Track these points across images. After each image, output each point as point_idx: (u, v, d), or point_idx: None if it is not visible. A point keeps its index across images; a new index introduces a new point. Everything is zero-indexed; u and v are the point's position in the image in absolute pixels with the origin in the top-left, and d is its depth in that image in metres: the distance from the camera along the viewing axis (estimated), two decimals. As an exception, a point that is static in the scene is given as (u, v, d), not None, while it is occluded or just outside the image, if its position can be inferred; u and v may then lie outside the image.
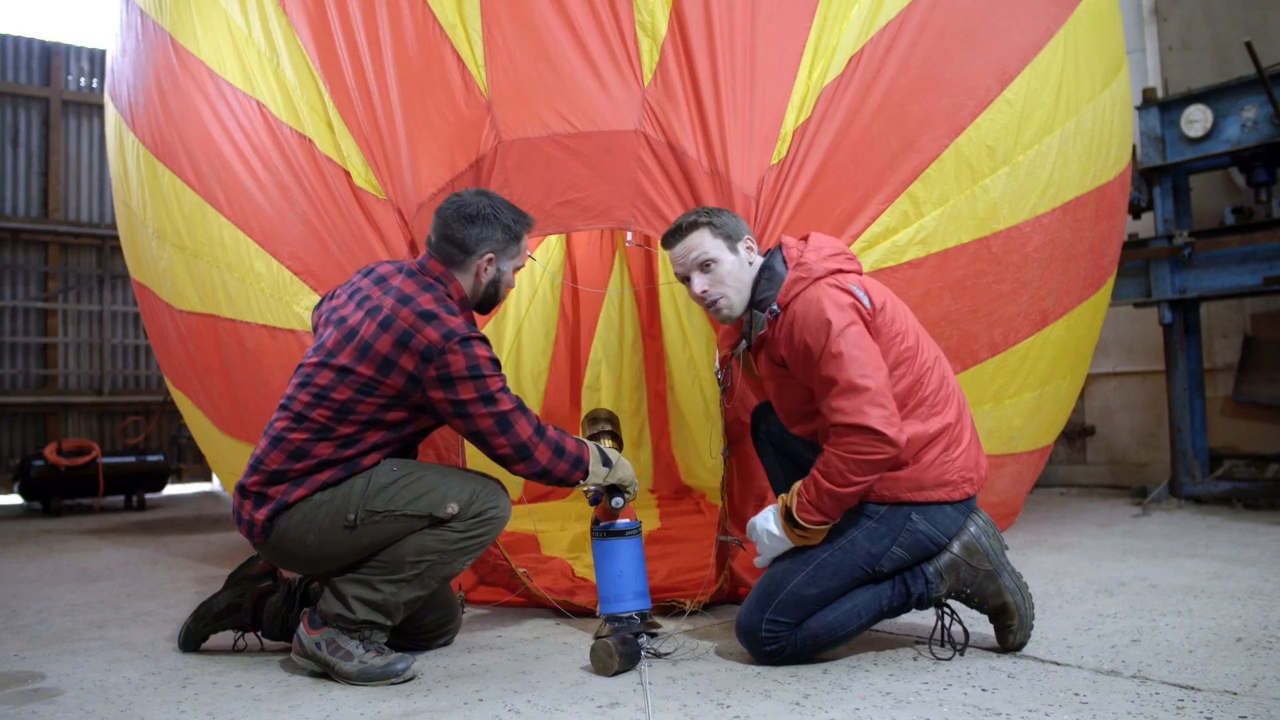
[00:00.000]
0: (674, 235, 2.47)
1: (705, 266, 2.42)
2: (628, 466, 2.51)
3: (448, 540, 2.26)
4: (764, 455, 2.72)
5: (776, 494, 2.73)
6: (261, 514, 2.27)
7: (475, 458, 2.65)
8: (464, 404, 2.25)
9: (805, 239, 2.47)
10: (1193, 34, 6.60)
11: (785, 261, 2.41)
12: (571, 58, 2.94)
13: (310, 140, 3.08)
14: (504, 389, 2.30)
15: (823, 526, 2.24)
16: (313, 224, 3.06)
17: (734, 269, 2.42)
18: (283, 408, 2.33)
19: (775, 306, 2.35)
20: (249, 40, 3.23)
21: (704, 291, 2.43)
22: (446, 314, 2.28)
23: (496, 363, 2.31)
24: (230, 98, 3.26)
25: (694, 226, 2.43)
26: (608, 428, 2.73)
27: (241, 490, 2.32)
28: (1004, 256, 3.22)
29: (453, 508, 2.26)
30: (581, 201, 2.92)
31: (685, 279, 2.47)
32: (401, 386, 2.26)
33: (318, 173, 3.06)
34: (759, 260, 2.47)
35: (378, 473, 2.30)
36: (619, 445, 2.69)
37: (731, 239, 2.43)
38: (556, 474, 2.35)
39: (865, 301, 2.31)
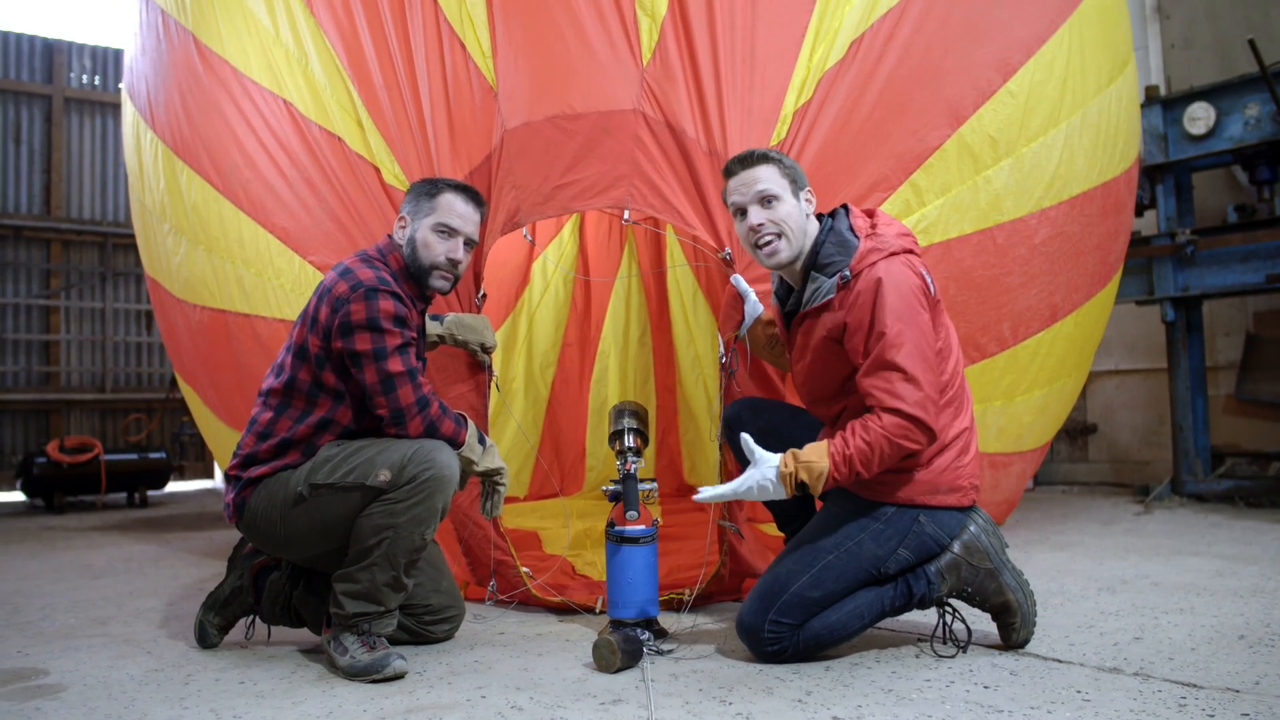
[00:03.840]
0: (740, 163, 2.37)
1: (767, 201, 2.33)
2: (496, 458, 2.49)
3: (395, 512, 2.24)
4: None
5: (772, 510, 2.67)
6: (236, 495, 2.39)
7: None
8: (358, 355, 2.30)
9: (871, 213, 2.42)
10: (1195, 32, 6.59)
11: (854, 230, 2.35)
12: (570, 38, 2.94)
13: (340, 139, 3.10)
14: (401, 348, 2.32)
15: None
16: (342, 221, 3.09)
17: (794, 213, 2.34)
18: (258, 394, 2.48)
19: (847, 272, 2.27)
20: (276, 40, 3.25)
21: (760, 225, 2.32)
22: (365, 269, 2.36)
23: (400, 320, 2.32)
24: (256, 97, 3.28)
25: (764, 159, 2.35)
26: (633, 424, 2.65)
27: (226, 477, 2.46)
28: (1009, 249, 3.22)
29: (384, 474, 2.24)
30: (580, 182, 2.92)
31: (740, 211, 2.38)
32: (321, 342, 2.34)
33: (348, 170, 3.09)
34: (814, 220, 2.40)
35: (324, 449, 2.36)
36: (644, 443, 2.66)
37: (796, 184, 2.37)
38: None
39: (932, 288, 2.30)
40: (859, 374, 2.23)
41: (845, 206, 2.45)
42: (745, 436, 2.28)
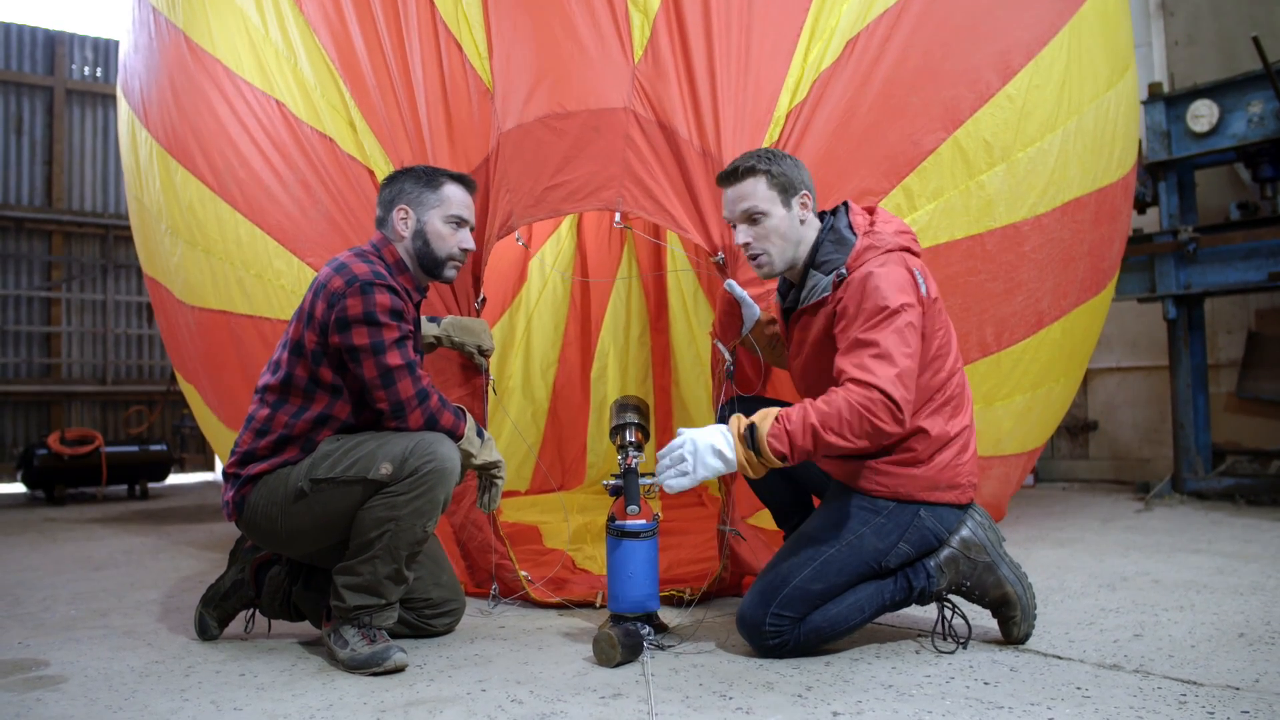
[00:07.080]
0: (729, 178, 2.38)
1: (753, 219, 2.35)
2: (494, 451, 2.49)
3: (397, 505, 2.25)
4: None
5: (770, 506, 2.71)
6: (235, 493, 2.38)
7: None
8: (356, 350, 2.29)
9: (871, 210, 2.44)
10: (1199, 28, 6.57)
11: (852, 228, 2.37)
12: (560, 34, 2.89)
13: (332, 139, 3.07)
14: (399, 342, 2.32)
15: (774, 463, 2.13)
16: (337, 222, 3.07)
17: (781, 224, 2.34)
18: (255, 391, 2.47)
19: (844, 270, 2.29)
20: (266, 39, 3.22)
21: (746, 244, 2.37)
22: (360, 264, 2.35)
23: (397, 313, 2.32)
24: (248, 96, 3.25)
25: (750, 173, 2.34)
26: (634, 419, 2.64)
27: (224, 475, 2.46)
28: (998, 255, 3.17)
29: (386, 468, 2.24)
30: (570, 184, 2.88)
31: (732, 225, 2.43)
32: (318, 338, 2.33)
33: (341, 172, 3.06)
34: (813, 219, 2.41)
35: (323, 444, 2.35)
36: (645, 438, 2.66)
37: (787, 191, 2.36)
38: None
39: (924, 289, 2.29)
40: (837, 356, 2.22)
41: (846, 204, 2.46)
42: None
